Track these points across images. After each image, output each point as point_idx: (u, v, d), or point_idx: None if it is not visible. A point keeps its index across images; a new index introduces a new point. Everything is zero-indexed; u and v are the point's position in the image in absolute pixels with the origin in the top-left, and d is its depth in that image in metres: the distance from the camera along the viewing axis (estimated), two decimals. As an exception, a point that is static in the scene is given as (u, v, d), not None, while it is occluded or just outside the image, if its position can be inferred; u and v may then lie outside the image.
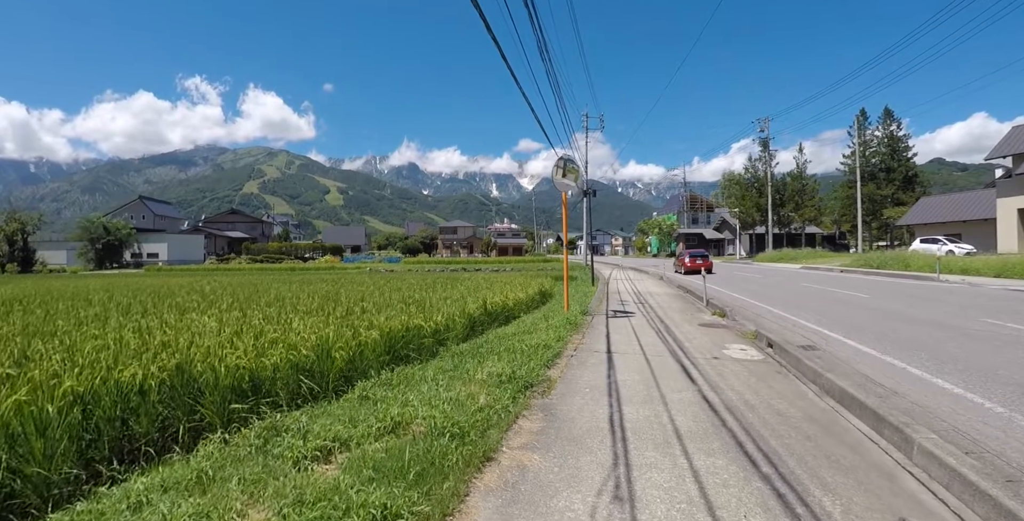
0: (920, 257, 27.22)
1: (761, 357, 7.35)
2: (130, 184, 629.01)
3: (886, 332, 9.04)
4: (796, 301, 14.26)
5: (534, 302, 13.67)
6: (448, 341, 7.69)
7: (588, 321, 10.50)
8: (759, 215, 61.12)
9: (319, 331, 5.76)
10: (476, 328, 9.13)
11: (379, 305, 8.76)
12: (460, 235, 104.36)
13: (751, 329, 9.49)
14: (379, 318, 6.98)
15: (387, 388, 5.15)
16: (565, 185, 11.21)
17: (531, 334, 8.31)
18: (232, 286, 16.07)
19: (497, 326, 9.84)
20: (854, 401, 4.97)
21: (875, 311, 11.81)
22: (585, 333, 9.11)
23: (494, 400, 4.74)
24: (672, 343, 8.33)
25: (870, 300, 14.01)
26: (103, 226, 61.73)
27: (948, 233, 37.43)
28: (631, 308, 13.35)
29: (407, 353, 6.63)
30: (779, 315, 11.57)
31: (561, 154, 11.33)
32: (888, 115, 60.94)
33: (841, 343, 8.17)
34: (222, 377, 4.29)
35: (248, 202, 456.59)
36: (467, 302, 9.84)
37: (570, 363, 6.76)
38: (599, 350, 7.67)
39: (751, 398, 5.26)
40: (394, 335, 6.46)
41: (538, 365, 6.17)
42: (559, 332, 8.39)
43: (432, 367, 6.11)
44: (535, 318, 10.31)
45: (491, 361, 6.28)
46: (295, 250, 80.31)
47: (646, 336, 9.01)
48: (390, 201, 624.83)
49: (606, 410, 4.86)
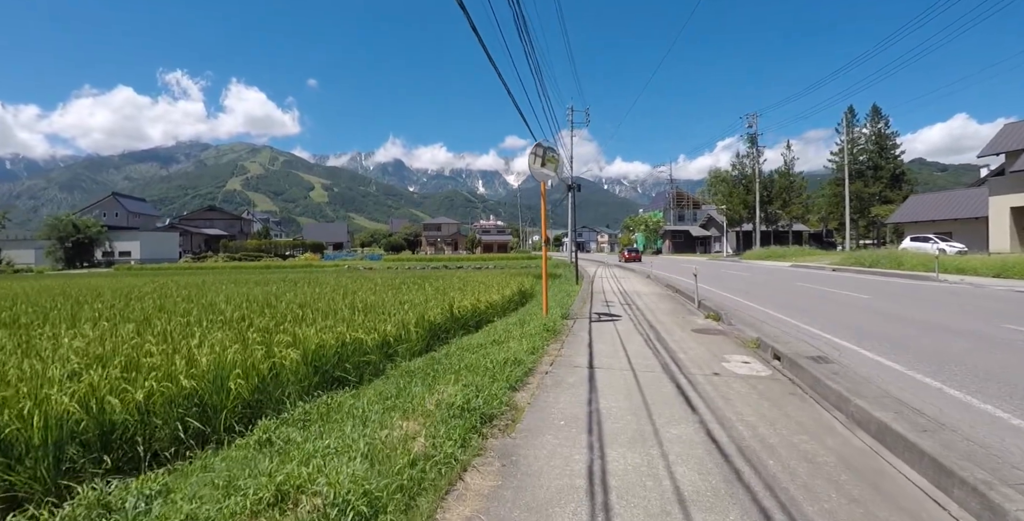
0: (913, 256, 26.49)
1: (768, 372, 6.26)
2: (110, 181, 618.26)
3: (902, 340, 8.02)
4: (794, 302, 13.26)
5: (511, 304, 12.53)
6: (400, 355, 6.52)
7: (569, 327, 9.36)
8: (746, 212, 60.45)
9: (220, 352, 4.54)
10: (440, 337, 7.97)
11: (323, 312, 7.53)
12: (444, 232, 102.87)
13: (752, 336, 8.41)
14: (310, 331, 5.77)
15: (300, 427, 3.99)
16: (544, 175, 10.06)
17: (502, 344, 7.16)
18: (178, 287, 14.70)
19: (465, 334, 8.69)
20: (899, 440, 3.88)
21: (882, 314, 10.82)
22: (564, 342, 7.97)
23: (437, 445, 3.59)
24: (664, 354, 7.22)
25: (873, 302, 13.05)
26: (72, 224, 59.50)
27: (938, 231, 36.84)
28: (617, 310, 12.25)
29: (341, 374, 5.44)
30: (779, 319, 10.53)
31: (540, 141, 10.15)
32: (876, 112, 60.50)
33: (855, 354, 7.13)
34: (43, 430, 3.07)
35: (231, 199, 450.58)
36: (430, 306, 8.66)
37: (543, 383, 5.62)
38: (579, 364, 6.54)
39: (768, 434, 4.16)
40: (325, 352, 5.28)
41: (503, 387, 5.02)
42: (534, 341, 7.25)
43: (370, 393, 4.95)
44: (509, 324, 9.15)
45: (446, 382, 5.12)
46: (275, 248, 78.32)
47: (634, 345, 7.89)
48: (375, 198, 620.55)
49: (584, 455, 3.72)
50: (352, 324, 6.43)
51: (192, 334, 5.53)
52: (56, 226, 58.91)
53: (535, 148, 9.81)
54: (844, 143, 54.20)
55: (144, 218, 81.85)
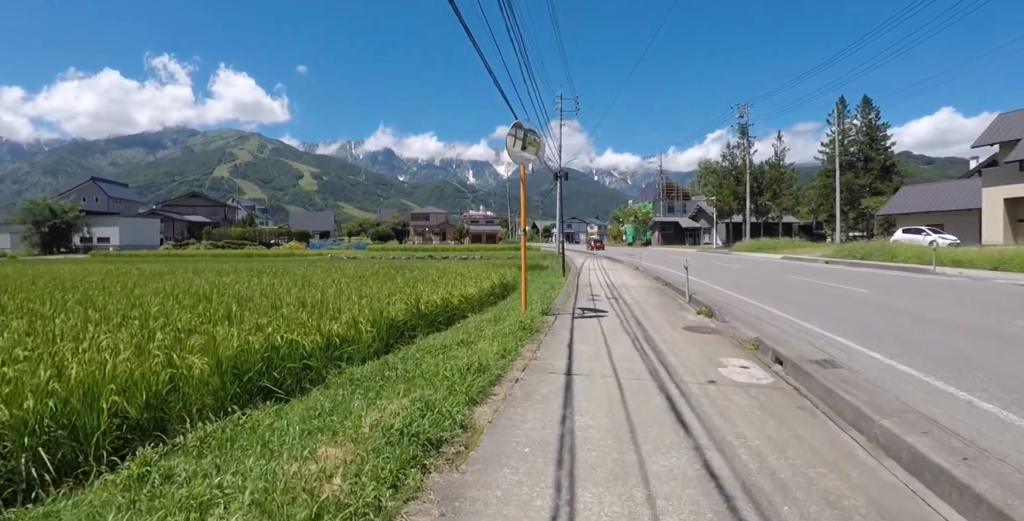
0: (907, 248, 25.97)
1: (770, 380, 5.50)
2: (95, 166, 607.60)
3: (913, 340, 7.30)
4: (790, 297, 12.55)
5: (489, 298, 11.71)
6: (350, 358, 5.67)
7: (549, 324, 8.56)
8: (736, 204, 59.89)
9: (105, 359, 3.68)
10: (402, 336, 7.16)
11: (262, 308, 6.64)
12: (432, 222, 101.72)
13: (748, 335, 7.67)
14: (234, 331, 4.90)
15: (194, 456, 3.15)
16: (523, 158, 9.19)
17: (470, 345, 6.35)
18: (130, 276, 13.71)
19: (433, 332, 7.87)
20: (942, 476, 3.12)
21: (884, 310, 10.12)
22: (542, 342, 7.16)
23: (359, 485, 2.77)
24: (652, 357, 6.44)
25: (872, 296, 12.36)
26: (49, 208, 57.90)
27: (929, 223, 36.41)
28: (603, 305, 11.48)
29: (267, 385, 4.60)
30: (775, 315, 9.80)
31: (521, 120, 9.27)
32: (867, 103, 59.94)
33: (864, 356, 6.40)
34: None
35: (219, 186, 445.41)
36: (393, 301, 7.81)
37: (511, 394, 4.81)
38: (556, 370, 5.73)
39: (778, 465, 3.38)
40: (248, 358, 4.44)
41: (461, 401, 4.21)
42: (507, 342, 6.44)
43: (299, 408, 4.13)
44: (483, 320, 8.31)
45: (394, 395, 4.31)
46: (259, 236, 76.87)
47: (619, 345, 7.11)
48: (365, 187, 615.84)
49: (549, 499, 2.92)
50: (292, 323, 5.56)
51: (83, 337, 4.65)
52: (32, 210, 57.28)
53: (514, 129, 8.93)
54: (835, 134, 53.72)
55: (126, 204, 79.91)
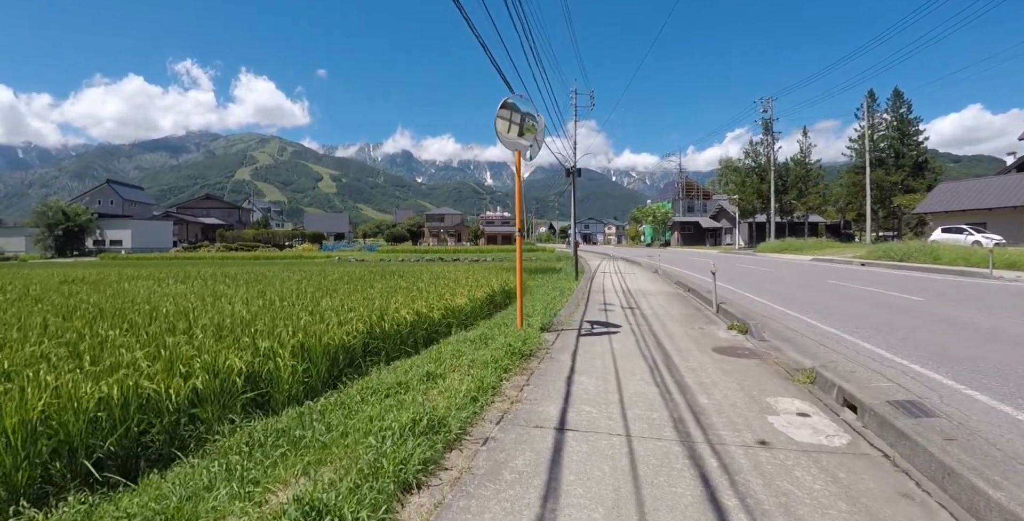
0: (951, 249, 23.90)
1: (845, 439, 3.90)
2: (120, 170, 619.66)
3: (1017, 369, 5.62)
4: (833, 306, 10.82)
5: (485, 308, 10.16)
6: (265, 405, 4.18)
7: (548, 345, 7.00)
8: (760, 203, 57.58)
9: None
10: (355, 364, 5.66)
11: (152, 335, 5.07)
12: (448, 223, 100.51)
13: (798, 361, 6.04)
14: (57, 377, 3.39)
15: None
16: (517, 144, 7.64)
17: (435, 381, 4.83)
18: (105, 282, 12.44)
19: (401, 355, 6.36)
20: None
21: (954, 325, 8.39)
22: (534, 373, 5.61)
23: None
24: (677, 397, 4.86)
25: (930, 306, 10.60)
26: (62, 211, 57.67)
27: (970, 222, 34.03)
28: (616, 317, 9.89)
29: (87, 465, 3.10)
30: (823, 331, 8.13)
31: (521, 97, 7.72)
32: (898, 97, 57.18)
33: (962, 397, 4.74)
34: None
35: (240, 189, 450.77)
36: (349, 318, 6.27)
37: (470, 471, 3.28)
38: (544, 422, 4.19)
39: None
40: (69, 421, 2.95)
41: (386, 491, 2.71)
42: (486, 375, 4.91)
43: (133, 505, 2.64)
44: (467, 340, 6.77)
45: (280, 482, 2.82)
46: (273, 238, 76.31)
47: (634, 377, 5.54)
48: (383, 189, 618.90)
49: None
50: (181, 355, 4.04)
51: None
52: (45, 213, 57.06)
53: (503, 108, 7.35)
54: (865, 128, 51.13)
55: (140, 206, 79.92)
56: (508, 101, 7.26)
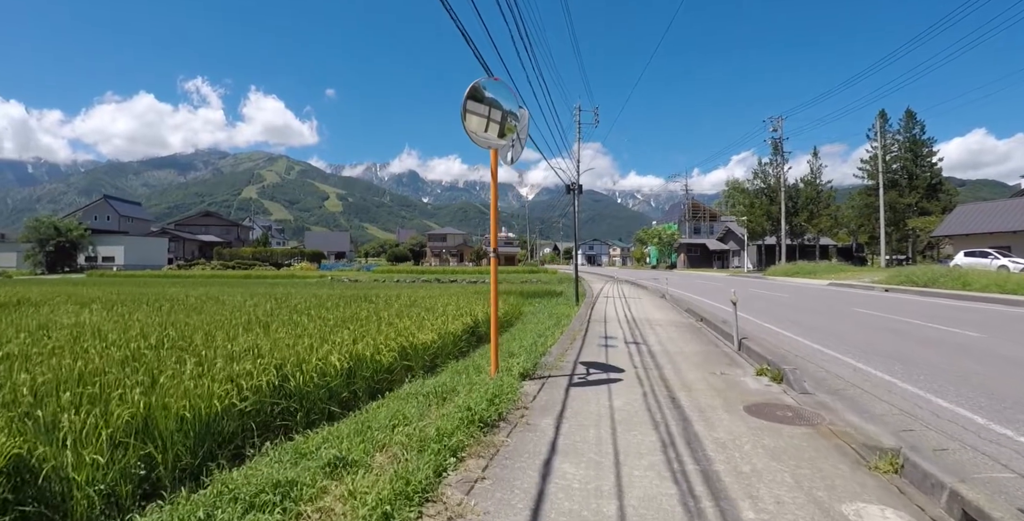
0: (982, 274, 22.16)
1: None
2: (128, 187, 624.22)
3: None
4: (876, 343, 9.09)
5: (460, 342, 8.49)
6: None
7: (527, 401, 5.32)
8: (769, 225, 55.88)
9: None
10: (233, 441, 4.02)
11: None
12: (450, 243, 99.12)
13: (872, 433, 4.35)
14: None
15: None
16: (492, 143, 6.09)
17: (339, 479, 3.19)
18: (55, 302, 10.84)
19: (321, 421, 4.70)
20: None
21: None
22: (498, 453, 3.94)
23: None
24: (707, 507, 3.19)
25: (998, 345, 8.86)
26: (54, 226, 56.59)
27: (993, 245, 32.28)
28: (618, 356, 8.22)
29: None
30: (878, 379, 6.44)
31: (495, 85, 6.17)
32: (910, 117, 55.86)
33: None
34: None
35: (246, 207, 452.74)
36: (248, 370, 4.62)
37: None
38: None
39: None
40: None
41: None
42: (421, 468, 3.26)
43: None
44: (417, 395, 5.03)
45: None
46: (271, 256, 74.94)
47: (640, 465, 3.85)
48: (389, 208, 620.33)
49: None
50: None
51: None
52: (37, 228, 55.99)
53: (472, 99, 5.75)
54: (877, 149, 49.62)
55: (136, 222, 78.83)
56: (478, 86, 5.67)
